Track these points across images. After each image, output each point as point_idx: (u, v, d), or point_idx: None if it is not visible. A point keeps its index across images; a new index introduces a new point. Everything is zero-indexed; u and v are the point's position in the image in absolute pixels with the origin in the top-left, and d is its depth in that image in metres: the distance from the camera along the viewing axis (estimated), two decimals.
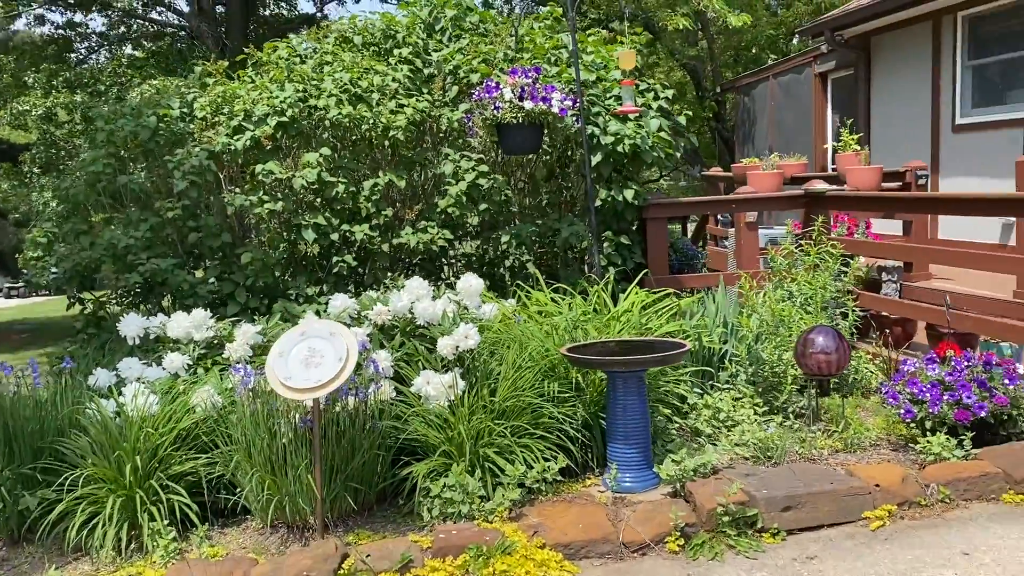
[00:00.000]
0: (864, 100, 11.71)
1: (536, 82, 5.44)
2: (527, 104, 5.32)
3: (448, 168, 5.97)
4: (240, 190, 5.93)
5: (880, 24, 10.88)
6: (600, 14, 15.22)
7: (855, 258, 6.40)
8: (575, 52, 5.77)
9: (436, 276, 6.43)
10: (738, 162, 11.73)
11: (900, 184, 8.21)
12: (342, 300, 4.78)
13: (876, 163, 8.25)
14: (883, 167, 8.09)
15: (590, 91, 6.21)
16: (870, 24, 10.96)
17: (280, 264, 5.92)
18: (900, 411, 4.44)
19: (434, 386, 4.15)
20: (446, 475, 3.92)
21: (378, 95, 6.04)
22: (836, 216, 7.15)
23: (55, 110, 14.19)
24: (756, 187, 8.17)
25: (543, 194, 6.43)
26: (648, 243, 6.41)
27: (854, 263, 6.31)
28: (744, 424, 4.62)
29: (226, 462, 3.99)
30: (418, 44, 6.56)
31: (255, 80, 6.37)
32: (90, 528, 3.77)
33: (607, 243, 6.23)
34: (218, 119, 6.06)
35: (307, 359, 3.80)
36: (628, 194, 6.14)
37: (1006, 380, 4.37)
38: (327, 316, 4.84)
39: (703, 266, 7.59)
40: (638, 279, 5.56)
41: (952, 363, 4.49)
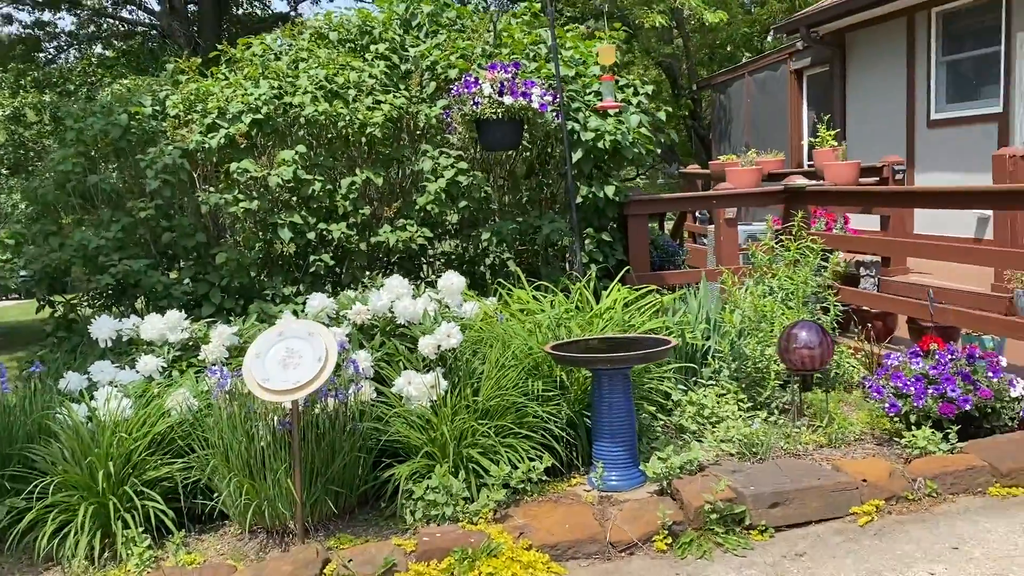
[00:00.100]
0: (840, 96, 11.76)
1: (515, 77, 5.38)
2: (507, 99, 5.25)
3: (427, 165, 5.89)
4: (214, 189, 5.81)
5: (855, 20, 10.93)
6: (576, 12, 15.18)
7: (834, 253, 6.40)
8: (554, 47, 5.72)
9: (415, 275, 6.34)
10: (715, 159, 11.75)
11: (877, 179, 8.25)
12: (320, 299, 4.69)
13: (852, 159, 8.27)
14: (860, 162, 8.12)
15: (570, 87, 6.15)
16: (845, 20, 11.01)
17: (256, 264, 5.81)
18: (884, 405, 4.42)
19: (416, 386, 4.08)
20: (429, 477, 3.85)
21: (355, 91, 5.95)
22: (814, 212, 7.15)
23: (23, 110, 13.92)
24: (735, 183, 8.17)
25: (523, 191, 6.36)
26: (629, 240, 6.36)
27: (833, 258, 6.30)
28: (729, 420, 4.59)
29: (203, 466, 3.89)
30: (395, 40, 6.47)
31: (229, 77, 6.25)
32: (61, 537, 3.65)
33: (588, 240, 6.18)
34: (191, 117, 5.94)
35: (285, 360, 3.71)
36: (609, 190, 6.09)
37: (990, 373, 4.36)
38: (305, 316, 4.75)
39: (683, 263, 7.56)
40: (620, 276, 5.51)
41: (936, 357, 4.48)
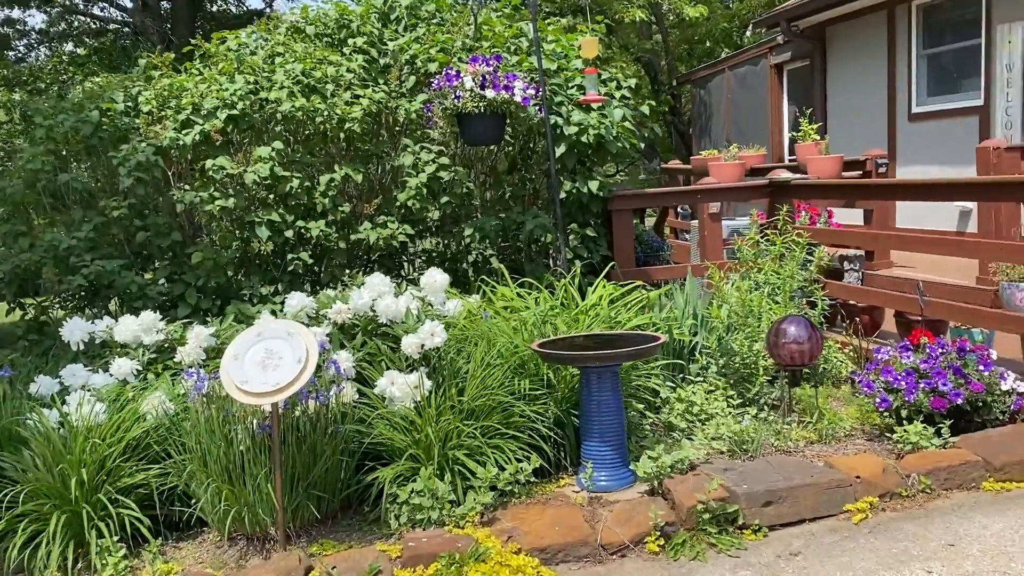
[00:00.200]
0: (820, 90, 11.75)
1: (497, 71, 5.28)
2: (489, 93, 5.15)
3: (407, 160, 5.78)
4: (190, 187, 5.67)
5: (835, 14, 10.92)
6: (555, 7, 15.09)
7: (818, 247, 6.35)
8: (536, 39, 5.62)
9: (396, 273, 6.23)
10: (697, 155, 11.70)
11: (861, 172, 8.21)
12: (299, 299, 4.56)
13: (833, 153, 8.24)
14: (844, 156, 8.09)
15: (552, 80, 6.06)
16: (825, 14, 10.99)
17: (233, 263, 5.68)
18: (875, 400, 4.36)
19: (399, 387, 3.97)
20: (414, 480, 3.74)
21: (332, 86, 5.83)
22: (798, 206, 7.10)
23: None
24: (719, 178, 8.11)
25: (506, 187, 6.27)
26: (614, 235, 6.28)
27: (819, 252, 6.25)
28: (718, 417, 4.51)
29: (180, 472, 3.77)
30: (373, 33, 6.35)
31: (203, 73, 6.11)
32: (33, 547, 3.51)
33: (573, 236, 6.10)
34: (165, 113, 5.80)
35: (264, 361, 3.59)
36: (593, 185, 6.01)
37: (981, 367, 4.31)
38: (284, 316, 4.62)
39: (668, 258, 7.50)
40: (605, 272, 5.42)
41: (927, 351, 4.43)
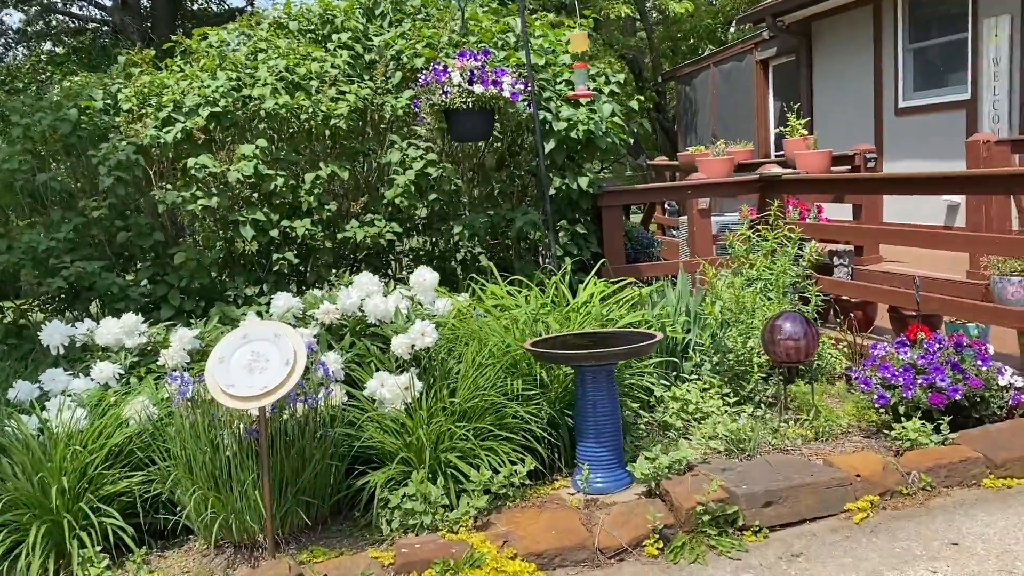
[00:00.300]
0: (806, 86, 11.73)
1: (485, 65, 5.19)
2: (477, 88, 5.06)
3: (395, 156, 5.67)
4: (172, 186, 5.54)
5: (821, 9, 10.89)
6: (539, 3, 15.00)
7: (810, 242, 6.30)
8: (524, 32, 5.54)
9: (383, 272, 6.12)
10: (684, 151, 11.65)
11: (849, 167, 8.19)
12: (286, 299, 4.46)
13: (820, 148, 8.21)
14: (832, 151, 8.06)
15: (540, 76, 5.97)
16: (811, 9, 10.96)
17: (217, 264, 5.56)
18: (873, 397, 4.30)
19: (389, 388, 3.88)
20: (406, 484, 3.65)
21: (317, 82, 5.72)
22: (787, 201, 7.06)
23: None
24: (708, 173, 8.05)
25: (494, 184, 6.17)
26: (604, 232, 6.20)
27: (810, 247, 6.20)
28: (714, 415, 4.45)
29: (164, 479, 3.66)
30: (358, 29, 6.23)
31: (184, 69, 5.98)
32: (12, 559, 3.40)
33: (562, 233, 6.01)
34: (145, 111, 5.66)
35: (250, 364, 3.49)
36: (583, 182, 5.92)
37: (979, 362, 4.27)
38: (270, 317, 4.52)
39: (658, 255, 7.44)
40: (596, 269, 5.35)
41: (924, 346, 4.38)
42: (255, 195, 5.57)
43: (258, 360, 3.50)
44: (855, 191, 7.07)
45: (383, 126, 6.01)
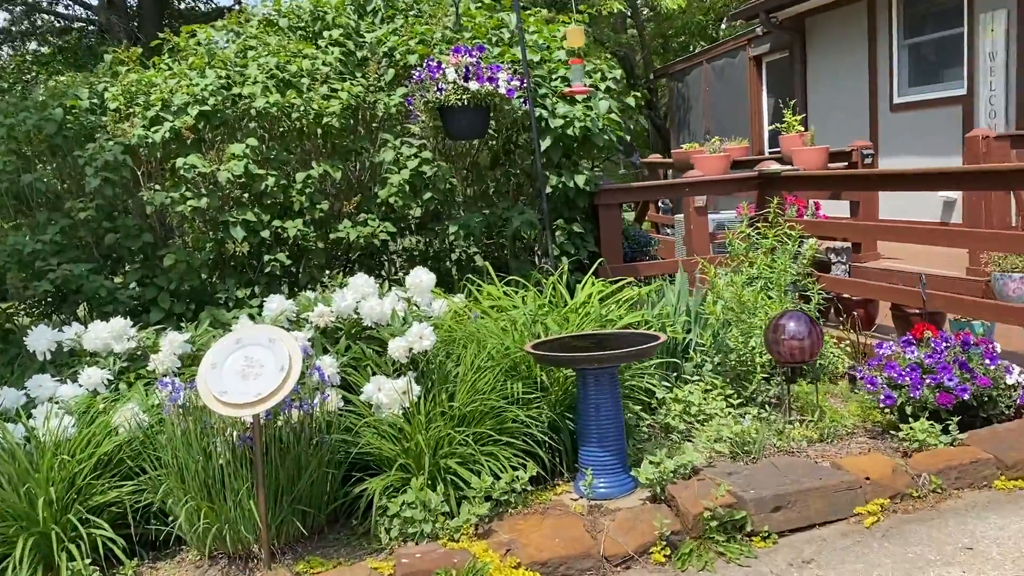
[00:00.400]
0: (800, 82, 11.67)
1: (480, 62, 5.09)
2: (472, 85, 4.96)
3: (389, 155, 5.57)
4: (160, 187, 5.42)
5: (815, 4, 10.82)
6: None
7: (809, 239, 6.23)
8: (519, 27, 5.44)
9: (377, 273, 6.02)
10: (678, 148, 11.59)
11: (846, 164, 8.13)
12: (279, 302, 4.35)
13: (817, 144, 8.14)
14: (829, 147, 7.99)
15: (536, 72, 5.87)
16: (805, 5, 10.90)
17: (207, 265, 5.44)
18: (879, 397, 4.22)
19: (386, 393, 3.78)
20: (405, 491, 3.55)
21: (308, 80, 5.61)
22: (786, 198, 6.98)
23: None
24: (704, 171, 7.98)
25: (489, 182, 6.07)
26: (601, 231, 6.11)
27: (810, 245, 6.13)
28: (718, 417, 4.37)
29: (155, 489, 3.54)
30: (349, 25, 6.12)
31: (173, 67, 5.86)
32: None
33: (559, 232, 5.92)
34: (133, 110, 5.54)
35: (244, 370, 3.39)
36: (580, 180, 5.83)
37: (986, 360, 4.19)
38: (262, 320, 4.41)
39: (656, 253, 7.35)
40: (593, 268, 5.25)
41: (931, 345, 4.30)
42: (246, 195, 5.46)
43: (252, 366, 3.39)
44: (856, 187, 6.99)
45: (376, 124, 5.90)
